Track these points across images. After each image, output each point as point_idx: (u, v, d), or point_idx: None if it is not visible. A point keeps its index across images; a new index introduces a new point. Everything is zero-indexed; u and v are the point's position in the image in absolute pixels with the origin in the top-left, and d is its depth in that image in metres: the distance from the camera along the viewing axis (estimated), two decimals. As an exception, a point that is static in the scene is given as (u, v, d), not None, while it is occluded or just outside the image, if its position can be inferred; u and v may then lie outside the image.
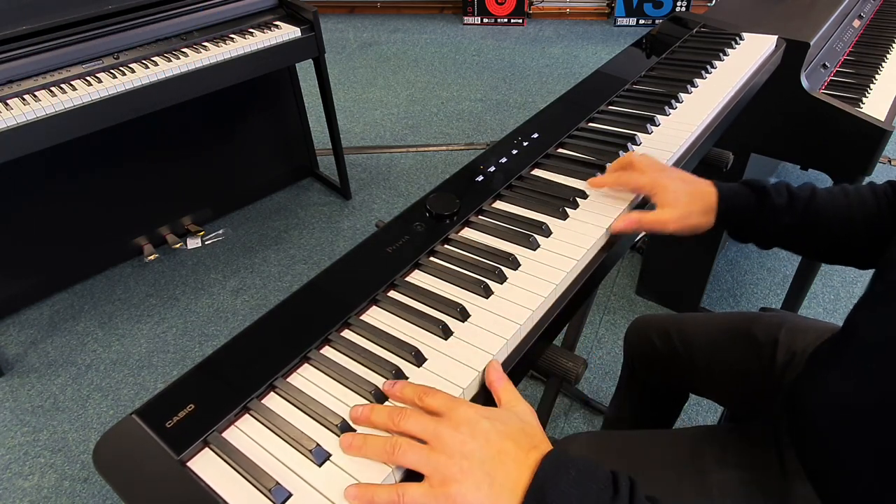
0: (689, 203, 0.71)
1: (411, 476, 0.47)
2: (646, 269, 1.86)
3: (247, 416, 0.51)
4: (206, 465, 0.48)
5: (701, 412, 1.56)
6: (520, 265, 0.65)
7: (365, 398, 0.51)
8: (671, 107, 0.94)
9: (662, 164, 0.75)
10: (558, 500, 0.42)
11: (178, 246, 2.12)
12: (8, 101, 1.46)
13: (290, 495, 0.45)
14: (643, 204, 0.77)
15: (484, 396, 0.54)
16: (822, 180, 2.24)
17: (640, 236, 2.09)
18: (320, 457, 0.47)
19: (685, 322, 0.98)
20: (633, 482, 0.45)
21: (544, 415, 1.36)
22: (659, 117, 0.92)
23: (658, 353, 0.99)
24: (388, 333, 0.57)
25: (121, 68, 1.61)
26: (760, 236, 0.75)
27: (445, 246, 0.69)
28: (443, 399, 0.48)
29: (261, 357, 0.55)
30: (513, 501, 0.43)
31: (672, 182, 0.71)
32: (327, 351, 0.57)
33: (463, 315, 0.59)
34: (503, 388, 0.52)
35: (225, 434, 0.50)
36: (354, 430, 0.49)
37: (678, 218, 0.70)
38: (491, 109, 2.96)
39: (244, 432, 0.50)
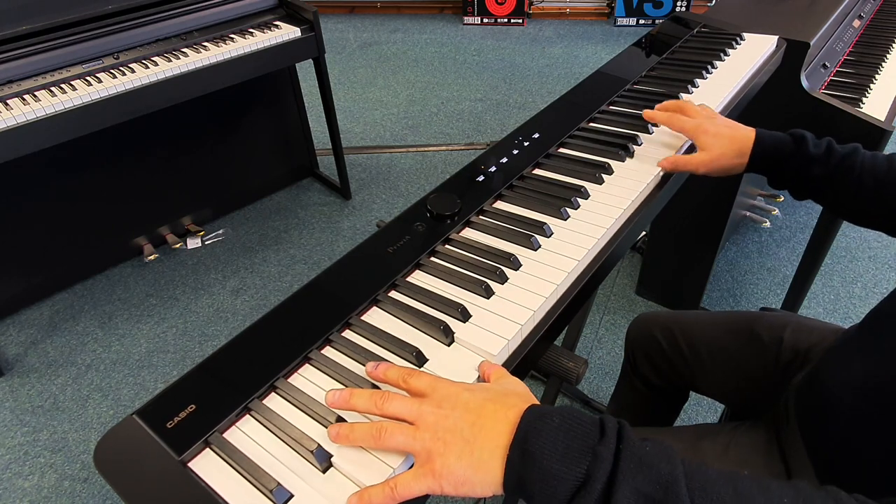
0: (724, 146, 0.76)
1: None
2: (646, 269, 1.86)
3: (248, 416, 0.51)
4: (207, 466, 0.48)
5: (701, 412, 1.56)
6: (521, 265, 0.65)
7: (366, 398, 0.51)
8: (672, 107, 0.94)
9: (711, 112, 0.81)
10: (542, 448, 0.41)
11: (178, 246, 2.12)
12: (8, 101, 1.46)
13: (291, 496, 0.45)
14: (649, 199, 0.77)
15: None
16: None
17: (640, 236, 2.09)
18: (322, 457, 0.47)
19: (689, 320, 0.98)
20: (622, 424, 0.43)
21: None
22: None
23: (661, 350, 0.99)
24: (389, 334, 0.57)
25: (121, 68, 1.61)
26: (792, 183, 0.78)
27: (446, 246, 0.69)
28: (427, 380, 0.48)
29: (261, 357, 0.55)
30: (495, 460, 0.42)
31: (713, 126, 0.77)
32: (328, 351, 0.57)
33: (464, 315, 0.59)
34: (493, 371, 0.52)
35: (226, 434, 0.50)
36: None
37: (710, 160, 0.76)
38: (491, 109, 2.96)
39: (245, 433, 0.50)
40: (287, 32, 1.83)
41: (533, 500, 0.41)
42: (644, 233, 1.94)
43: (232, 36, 1.79)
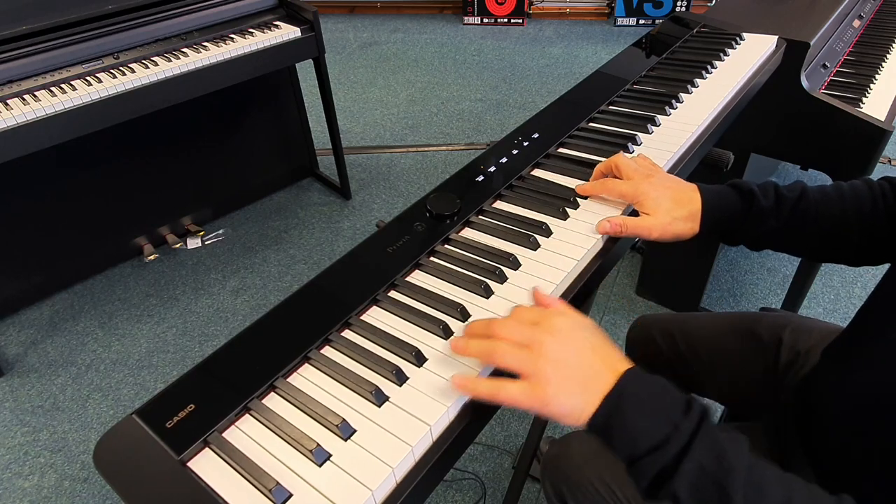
0: (671, 210, 0.69)
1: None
2: (646, 269, 1.86)
3: (247, 416, 0.51)
4: (207, 466, 0.48)
5: (701, 412, 1.56)
6: (520, 265, 0.65)
7: (366, 398, 0.51)
8: (672, 107, 0.94)
9: (649, 168, 0.73)
10: (633, 406, 0.48)
11: (178, 246, 2.12)
12: (8, 101, 1.46)
13: (290, 496, 0.45)
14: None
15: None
16: (822, 180, 2.24)
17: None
18: (321, 457, 0.47)
19: (688, 322, 0.98)
20: (706, 408, 0.49)
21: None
22: (659, 117, 0.92)
23: (661, 352, 0.99)
24: (388, 333, 0.57)
25: (121, 68, 1.61)
26: (748, 240, 0.73)
27: (446, 246, 0.69)
28: (537, 310, 0.54)
29: (261, 357, 0.55)
30: (593, 406, 0.49)
31: (654, 189, 0.69)
32: (328, 351, 0.57)
33: (463, 315, 0.59)
34: (556, 307, 0.56)
35: (225, 434, 0.50)
36: (355, 430, 0.49)
37: (661, 225, 0.69)
38: (491, 109, 2.96)
39: (244, 432, 0.50)
40: (287, 32, 1.83)
41: (612, 443, 0.49)
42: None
43: (232, 36, 1.79)
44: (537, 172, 0.82)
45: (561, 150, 0.87)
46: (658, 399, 0.48)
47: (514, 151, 0.85)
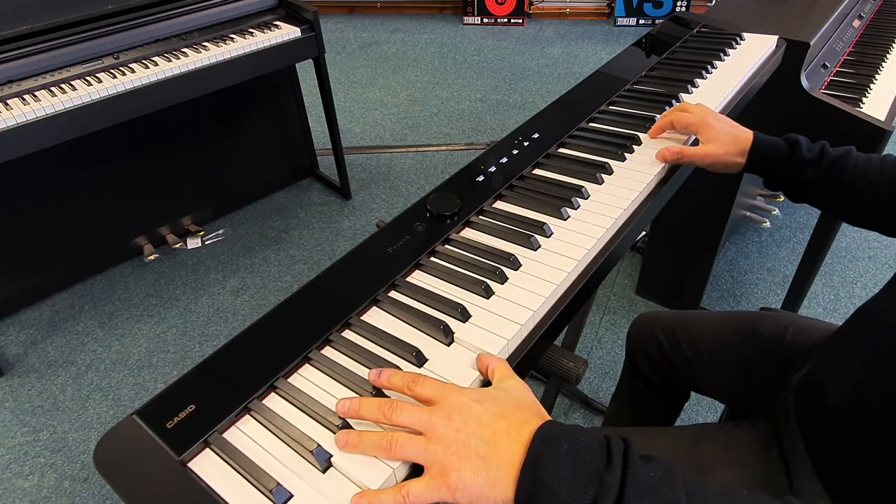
0: (728, 143, 0.81)
1: (416, 469, 0.47)
2: (646, 269, 1.86)
3: (247, 416, 0.51)
4: (207, 466, 0.48)
5: (701, 411, 1.56)
6: (521, 265, 0.65)
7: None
8: (672, 107, 0.94)
9: (711, 109, 0.84)
10: (551, 473, 0.42)
11: (178, 246, 2.12)
12: (8, 101, 1.46)
13: (290, 496, 0.45)
14: (648, 199, 0.77)
15: (485, 397, 0.53)
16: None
17: (640, 236, 2.08)
18: (322, 457, 0.47)
19: (690, 320, 0.98)
20: (627, 443, 0.45)
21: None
22: (660, 117, 0.91)
23: (662, 349, 0.99)
24: (388, 334, 0.57)
25: (121, 68, 1.60)
26: (787, 186, 0.81)
27: (446, 246, 0.69)
28: (433, 386, 0.49)
29: (261, 357, 0.55)
30: (509, 479, 0.43)
31: (718, 123, 0.81)
32: (328, 351, 0.57)
33: (464, 315, 0.59)
34: (496, 366, 0.52)
35: (226, 435, 0.50)
36: (351, 429, 0.49)
37: (716, 154, 0.80)
38: (491, 109, 2.96)
39: (245, 433, 0.50)
40: (287, 32, 1.83)
41: None
42: (644, 233, 1.94)
43: (232, 36, 1.79)
44: (538, 172, 0.82)
45: (561, 150, 0.87)
46: (575, 456, 0.43)
47: (515, 151, 0.85)
